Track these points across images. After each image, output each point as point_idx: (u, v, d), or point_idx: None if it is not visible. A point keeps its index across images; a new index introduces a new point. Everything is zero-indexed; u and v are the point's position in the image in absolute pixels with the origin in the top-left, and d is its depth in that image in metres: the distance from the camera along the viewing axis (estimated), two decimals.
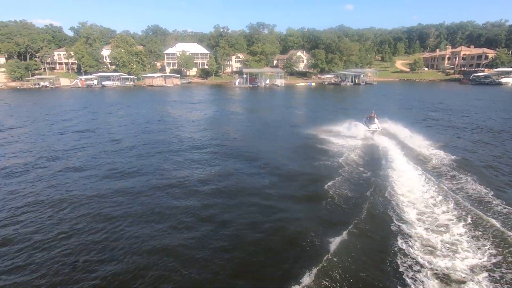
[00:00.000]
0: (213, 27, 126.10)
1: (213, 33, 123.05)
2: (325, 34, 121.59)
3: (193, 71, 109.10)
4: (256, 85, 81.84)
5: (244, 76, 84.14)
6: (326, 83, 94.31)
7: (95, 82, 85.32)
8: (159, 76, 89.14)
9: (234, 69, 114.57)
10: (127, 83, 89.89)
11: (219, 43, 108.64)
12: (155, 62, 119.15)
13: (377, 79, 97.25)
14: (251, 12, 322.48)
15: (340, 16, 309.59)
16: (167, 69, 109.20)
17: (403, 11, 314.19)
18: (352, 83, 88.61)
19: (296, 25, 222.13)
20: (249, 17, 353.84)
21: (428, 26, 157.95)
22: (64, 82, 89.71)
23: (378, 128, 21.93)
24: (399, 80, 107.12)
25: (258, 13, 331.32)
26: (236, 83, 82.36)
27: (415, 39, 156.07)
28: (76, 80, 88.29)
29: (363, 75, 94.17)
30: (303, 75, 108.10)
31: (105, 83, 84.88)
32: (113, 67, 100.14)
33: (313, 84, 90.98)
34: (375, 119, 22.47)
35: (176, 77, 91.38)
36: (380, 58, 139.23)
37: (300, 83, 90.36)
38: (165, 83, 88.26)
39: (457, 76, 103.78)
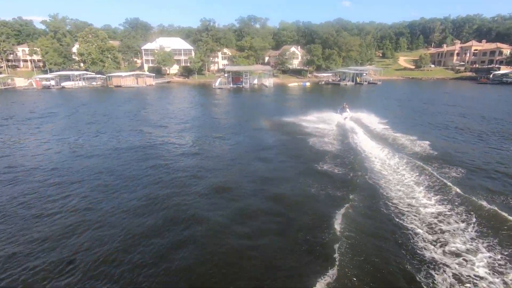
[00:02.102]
0: (199, 20, 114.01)
1: (200, 27, 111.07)
2: (322, 27, 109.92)
3: (175, 69, 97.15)
4: (241, 86, 69.45)
5: (226, 75, 71.47)
6: (323, 82, 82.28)
7: (53, 82, 72.43)
8: (129, 75, 76.52)
9: (221, 67, 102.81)
10: (93, 83, 77.24)
11: (202, 37, 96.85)
12: (135, 59, 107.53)
13: (381, 78, 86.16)
14: (245, 7, 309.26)
15: (337, 12, 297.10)
16: (146, 67, 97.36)
17: (402, 5, 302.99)
18: (353, 83, 76.90)
19: (291, 19, 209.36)
20: (243, 11, 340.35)
21: (432, 20, 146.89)
22: (20, 82, 76.86)
23: (349, 116, 27.27)
24: (404, 78, 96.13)
25: (251, 8, 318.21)
26: (216, 84, 69.14)
27: (418, 34, 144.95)
28: (30, 80, 75.22)
29: (366, 73, 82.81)
30: (297, 73, 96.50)
31: (65, 83, 71.69)
32: (86, 64, 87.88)
33: (308, 84, 78.78)
34: (347, 109, 27.76)
35: (150, 76, 79.06)
36: (380, 55, 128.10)
37: (293, 83, 78.42)
38: (137, 83, 75.95)
39: (469, 74, 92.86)
